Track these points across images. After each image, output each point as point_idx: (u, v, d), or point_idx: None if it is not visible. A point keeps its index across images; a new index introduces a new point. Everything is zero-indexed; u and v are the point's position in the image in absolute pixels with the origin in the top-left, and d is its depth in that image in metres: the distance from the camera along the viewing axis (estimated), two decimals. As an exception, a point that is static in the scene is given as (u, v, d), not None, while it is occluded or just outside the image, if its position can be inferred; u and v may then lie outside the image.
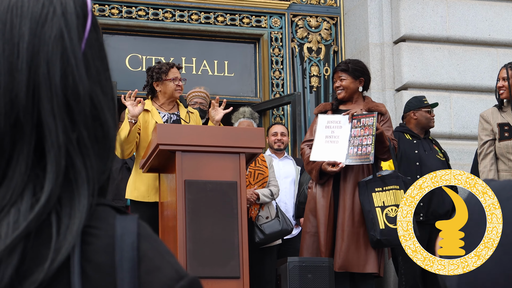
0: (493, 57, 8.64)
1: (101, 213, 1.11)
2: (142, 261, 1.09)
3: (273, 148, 7.62)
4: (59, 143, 1.06)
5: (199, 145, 5.24)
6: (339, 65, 6.37)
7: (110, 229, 1.09)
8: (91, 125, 1.09)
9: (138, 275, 1.08)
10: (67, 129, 1.07)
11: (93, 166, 1.09)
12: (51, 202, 1.05)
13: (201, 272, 4.97)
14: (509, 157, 6.38)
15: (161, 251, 1.12)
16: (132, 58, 8.72)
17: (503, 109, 6.50)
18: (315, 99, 9.06)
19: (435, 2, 8.63)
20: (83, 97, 1.08)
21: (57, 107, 1.07)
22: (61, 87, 1.07)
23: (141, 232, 1.11)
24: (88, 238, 1.08)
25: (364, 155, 5.81)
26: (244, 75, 9.07)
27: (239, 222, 5.13)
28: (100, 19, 8.64)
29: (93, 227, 1.08)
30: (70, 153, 1.07)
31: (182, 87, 6.12)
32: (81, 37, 1.11)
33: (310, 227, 6.04)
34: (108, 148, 1.12)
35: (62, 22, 1.09)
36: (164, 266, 1.10)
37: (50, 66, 1.07)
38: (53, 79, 1.07)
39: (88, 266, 1.06)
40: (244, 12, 9.05)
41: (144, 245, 1.10)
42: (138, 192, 5.90)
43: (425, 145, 6.82)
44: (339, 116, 6.09)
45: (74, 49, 1.09)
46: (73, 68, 1.08)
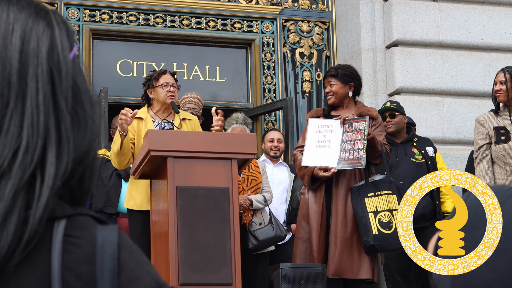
0: (486, 62, 8.64)
1: (82, 223, 1.14)
2: (123, 271, 1.12)
3: (269, 155, 7.60)
4: (38, 102, 1.13)
5: (190, 151, 5.21)
6: (329, 71, 6.37)
7: (91, 239, 1.13)
8: (72, 102, 1.16)
9: (118, 284, 1.11)
10: (47, 95, 1.14)
11: (68, 133, 1.15)
12: (32, 158, 1.12)
13: (193, 279, 4.94)
14: (505, 160, 6.38)
15: (141, 261, 1.16)
16: (123, 64, 8.68)
17: (499, 113, 6.51)
18: (307, 104, 9.04)
19: (427, 7, 8.63)
20: (65, 74, 1.17)
21: (41, 74, 1.14)
22: (46, 58, 1.15)
23: (122, 243, 1.14)
24: (69, 247, 1.11)
25: (356, 159, 5.79)
26: (236, 80, 9.06)
27: (231, 228, 5.10)
28: (91, 25, 8.62)
29: (74, 237, 1.12)
30: (47, 115, 1.14)
31: (174, 93, 6.08)
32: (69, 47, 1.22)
33: (302, 233, 6.01)
34: (85, 125, 1.18)
35: (55, 23, 1.21)
36: (144, 275, 1.14)
37: (39, 42, 1.16)
38: (41, 52, 1.16)
39: (69, 275, 1.10)
40: (236, 17, 9.04)
41: (124, 255, 1.13)
42: (134, 201, 5.88)
43: (400, 151, 6.85)
44: (330, 121, 6.07)
45: (62, 39, 1.19)
46: (59, 48, 1.17)
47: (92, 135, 1.18)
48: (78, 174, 1.17)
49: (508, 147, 6.39)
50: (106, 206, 7.16)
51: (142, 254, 1.18)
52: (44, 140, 1.13)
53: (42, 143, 1.13)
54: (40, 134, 1.13)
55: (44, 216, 1.11)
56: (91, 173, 1.20)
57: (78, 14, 8.60)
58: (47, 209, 1.11)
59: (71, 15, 8.56)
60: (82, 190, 1.19)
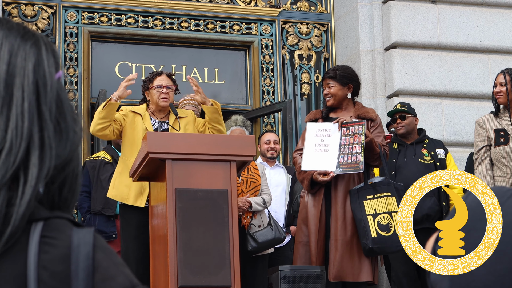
0: (484, 64, 8.64)
1: (58, 225, 1.20)
2: (97, 271, 1.17)
3: (266, 157, 7.60)
4: (23, 110, 1.20)
5: (189, 153, 5.20)
6: (327, 72, 6.33)
7: (66, 240, 1.18)
8: (55, 113, 1.24)
9: (92, 283, 1.16)
10: (32, 104, 1.21)
11: (51, 141, 1.22)
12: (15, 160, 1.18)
13: (192, 281, 4.93)
14: (504, 162, 6.38)
15: (116, 262, 1.20)
16: (121, 66, 8.68)
17: (499, 115, 6.50)
18: (306, 106, 9.04)
19: (426, 9, 8.63)
20: (50, 87, 1.25)
21: (27, 85, 1.22)
22: (33, 71, 1.23)
23: (97, 243, 1.20)
24: (45, 247, 1.16)
25: (354, 163, 5.77)
26: (235, 83, 9.05)
27: (230, 231, 5.09)
28: (90, 27, 8.62)
29: (50, 238, 1.17)
30: (31, 122, 1.21)
31: (168, 95, 6.05)
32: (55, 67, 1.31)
33: (302, 237, 6.01)
34: (67, 136, 1.25)
35: (42, 44, 1.30)
36: (117, 275, 1.18)
37: (26, 57, 1.25)
38: (27, 65, 1.24)
39: (44, 274, 1.15)
40: (234, 20, 9.03)
41: (99, 256, 1.18)
42: (117, 192, 5.89)
43: (409, 151, 6.85)
44: (329, 124, 6.05)
45: (48, 57, 1.28)
46: (45, 64, 1.27)
47: (73, 145, 1.26)
48: (59, 181, 1.24)
49: (508, 149, 6.38)
50: (105, 208, 7.16)
51: (117, 255, 1.22)
52: (28, 144, 1.20)
53: (25, 146, 1.19)
54: (24, 137, 1.20)
55: (26, 213, 1.16)
56: (72, 182, 1.27)
57: (77, 17, 8.59)
58: (29, 207, 1.17)
59: (70, 17, 8.56)
60: (62, 197, 1.25)
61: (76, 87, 8.42)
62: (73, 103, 1.38)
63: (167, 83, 6.09)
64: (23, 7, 8.45)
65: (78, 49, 8.50)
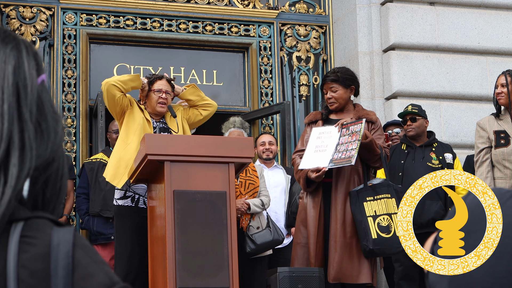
0: (482, 65, 8.64)
1: (38, 224, 1.21)
2: (76, 269, 1.18)
3: (262, 158, 7.59)
4: (2, 111, 1.22)
5: (188, 155, 5.20)
6: (328, 76, 6.23)
7: (46, 239, 1.19)
8: (36, 115, 1.25)
9: (72, 281, 1.17)
10: (12, 106, 1.23)
11: (31, 142, 1.23)
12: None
13: (190, 283, 4.93)
14: (505, 164, 6.37)
15: (95, 260, 1.21)
16: (120, 68, 8.67)
17: (500, 116, 6.49)
18: (304, 108, 9.04)
19: (424, 11, 8.63)
20: (30, 88, 1.26)
21: (7, 87, 1.24)
22: (13, 73, 1.25)
23: (76, 242, 1.20)
24: (25, 246, 1.17)
25: (346, 158, 5.74)
26: (233, 85, 9.05)
27: (229, 233, 5.09)
28: (88, 29, 8.61)
29: (30, 237, 1.18)
30: (11, 123, 1.22)
31: (167, 100, 6.00)
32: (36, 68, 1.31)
33: (301, 238, 6.00)
34: (48, 136, 1.26)
35: (23, 47, 1.31)
36: (97, 273, 1.19)
37: (6, 59, 1.27)
38: (7, 67, 1.25)
39: (24, 273, 1.16)
40: (233, 21, 9.03)
41: (78, 254, 1.19)
42: (108, 172, 5.84)
43: (418, 154, 6.84)
44: (331, 127, 6.04)
45: (29, 60, 1.29)
46: (25, 66, 1.28)
47: (54, 146, 1.27)
48: (41, 181, 1.25)
49: (508, 151, 6.38)
50: (103, 210, 7.16)
51: (97, 253, 1.23)
52: (8, 145, 1.21)
53: (5, 147, 1.20)
54: (3, 138, 1.21)
55: (6, 213, 1.17)
56: (55, 182, 1.28)
57: (75, 19, 8.59)
58: (9, 207, 1.18)
59: (68, 19, 8.56)
60: (45, 198, 1.27)
61: (75, 89, 8.41)
62: (55, 103, 1.38)
63: (166, 88, 6.03)
64: (21, 9, 8.45)
65: (77, 51, 8.49)
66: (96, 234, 7.26)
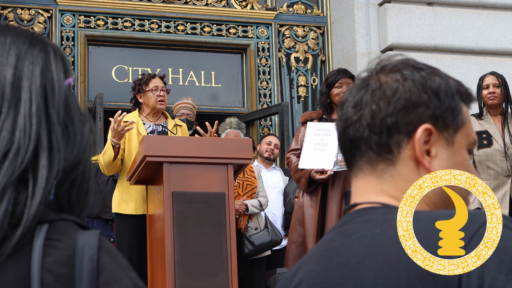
0: (480, 65, 8.64)
1: (64, 227, 1.19)
2: (101, 273, 1.16)
3: (263, 156, 7.59)
4: (31, 112, 1.21)
5: (186, 157, 5.19)
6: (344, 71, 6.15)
7: (71, 242, 1.17)
8: (63, 116, 1.25)
9: (96, 286, 1.15)
10: (40, 107, 1.22)
11: (59, 143, 1.23)
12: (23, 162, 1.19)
13: (190, 285, 4.93)
14: (488, 165, 6.34)
15: (121, 265, 1.19)
16: (118, 70, 8.67)
17: (482, 117, 6.46)
18: (303, 109, 9.04)
19: (422, 11, 8.64)
20: (58, 90, 1.26)
21: (35, 88, 1.23)
22: (40, 75, 1.25)
23: (102, 246, 1.19)
24: (49, 249, 1.16)
25: None
26: (231, 86, 9.05)
27: (228, 234, 5.09)
28: (86, 31, 8.61)
29: (55, 240, 1.17)
30: (40, 124, 1.22)
31: (164, 97, 6.03)
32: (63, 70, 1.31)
33: (297, 237, 5.98)
34: (74, 139, 1.26)
35: (51, 49, 1.31)
36: (122, 278, 1.17)
37: (34, 60, 1.27)
38: (35, 69, 1.26)
39: (48, 276, 1.14)
40: (231, 23, 9.04)
41: (103, 258, 1.17)
42: (127, 205, 5.84)
43: None
44: (330, 124, 6.03)
45: (56, 61, 1.29)
46: (53, 67, 1.28)
47: (80, 148, 1.26)
48: (67, 184, 1.24)
49: (491, 151, 6.34)
50: (103, 212, 7.14)
51: (123, 258, 1.22)
52: (36, 146, 1.20)
53: (33, 148, 1.20)
54: (32, 139, 1.20)
55: (37, 215, 1.16)
56: (81, 185, 1.26)
57: (73, 20, 8.59)
58: (40, 209, 1.17)
59: (66, 21, 8.55)
60: (71, 200, 1.25)
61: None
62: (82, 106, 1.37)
63: (162, 85, 6.07)
64: (20, 11, 8.45)
65: (75, 52, 8.49)
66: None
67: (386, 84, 1.39)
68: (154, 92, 5.99)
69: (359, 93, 1.39)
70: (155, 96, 5.99)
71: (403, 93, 1.37)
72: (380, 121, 1.35)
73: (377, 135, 1.35)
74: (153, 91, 6.00)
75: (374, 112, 1.35)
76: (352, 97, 1.39)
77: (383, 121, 1.35)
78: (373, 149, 1.36)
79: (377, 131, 1.35)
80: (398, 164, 1.35)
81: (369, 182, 1.38)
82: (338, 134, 1.42)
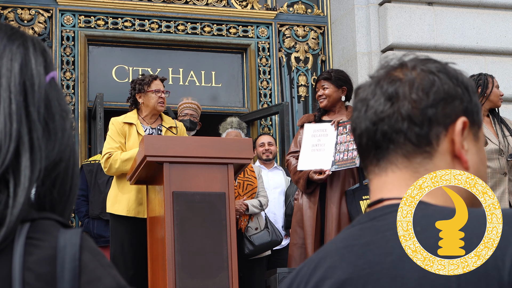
0: (481, 65, 8.64)
1: (45, 226, 1.18)
2: (83, 272, 1.15)
3: (262, 159, 7.58)
4: (11, 111, 1.19)
5: (187, 156, 5.19)
6: (321, 74, 6.31)
7: (53, 241, 1.16)
8: (44, 114, 1.23)
9: (78, 285, 1.14)
10: (19, 105, 1.20)
11: (40, 142, 1.21)
12: None
13: (190, 285, 4.93)
14: None
15: (103, 263, 1.18)
16: (118, 70, 8.67)
17: None
18: (303, 108, 9.04)
19: (422, 11, 8.64)
20: (38, 87, 1.23)
21: (14, 86, 1.21)
22: (19, 72, 1.22)
23: (84, 244, 1.17)
24: (31, 249, 1.15)
25: (350, 159, 5.74)
26: (232, 86, 9.05)
27: (228, 234, 5.09)
28: (86, 31, 8.61)
29: (36, 239, 1.16)
30: (20, 123, 1.19)
31: (164, 99, 6.05)
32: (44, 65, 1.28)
33: (297, 239, 5.99)
34: (55, 136, 1.24)
35: (30, 44, 1.29)
36: (104, 277, 1.16)
37: (13, 57, 1.24)
38: (14, 66, 1.23)
39: (29, 276, 1.13)
40: (231, 22, 9.03)
41: (85, 257, 1.16)
42: (119, 206, 5.85)
43: None
44: (326, 125, 6.04)
45: (36, 57, 1.27)
46: (33, 64, 1.25)
47: (61, 146, 1.24)
48: (48, 182, 1.22)
49: (487, 150, 6.36)
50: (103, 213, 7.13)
51: (105, 256, 1.20)
52: (17, 146, 1.18)
53: (14, 148, 1.18)
54: (12, 139, 1.18)
55: (20, 215, 1.15)
56: (63, 183, 1.24)
57: (74, 20, 8.59)
58: (23, 209, 1.15)
59: (66, 21, 8.55)
60: (52, 199, 1.23)
61: (73, 91, 8.41)
62: (67, 101, 1.34)
63: (163, 88, 6.08)
64: (20, 11, 8.44)
65: (75, 52, 8.49)
66: (96, 236, 7.25)
67: (419, 76, 1.38)
68: (156, 94, 6.00)
69: (391, 85, 1.37)
70: (156, 98, 5.99)
71: (440, 85, 1.37)
72: (421, 112, 1.33)
73: (418, 127, 1.33)
74: (155, 93, 6.00)
75: (416, 102, 1.34)
76: (380, 91, 1.37)
77: (423, 112, 1.33)
78: (412, 141, 1.33)
79: (418, 122, 1.33)
80: (436, 157, 1.33)
81: (401, 176, 1.35)
82: (365, 130, 1.38)
